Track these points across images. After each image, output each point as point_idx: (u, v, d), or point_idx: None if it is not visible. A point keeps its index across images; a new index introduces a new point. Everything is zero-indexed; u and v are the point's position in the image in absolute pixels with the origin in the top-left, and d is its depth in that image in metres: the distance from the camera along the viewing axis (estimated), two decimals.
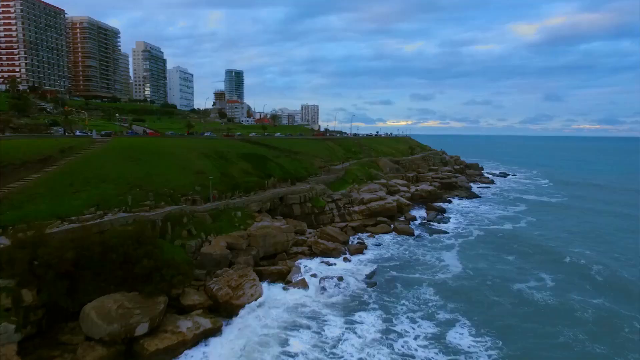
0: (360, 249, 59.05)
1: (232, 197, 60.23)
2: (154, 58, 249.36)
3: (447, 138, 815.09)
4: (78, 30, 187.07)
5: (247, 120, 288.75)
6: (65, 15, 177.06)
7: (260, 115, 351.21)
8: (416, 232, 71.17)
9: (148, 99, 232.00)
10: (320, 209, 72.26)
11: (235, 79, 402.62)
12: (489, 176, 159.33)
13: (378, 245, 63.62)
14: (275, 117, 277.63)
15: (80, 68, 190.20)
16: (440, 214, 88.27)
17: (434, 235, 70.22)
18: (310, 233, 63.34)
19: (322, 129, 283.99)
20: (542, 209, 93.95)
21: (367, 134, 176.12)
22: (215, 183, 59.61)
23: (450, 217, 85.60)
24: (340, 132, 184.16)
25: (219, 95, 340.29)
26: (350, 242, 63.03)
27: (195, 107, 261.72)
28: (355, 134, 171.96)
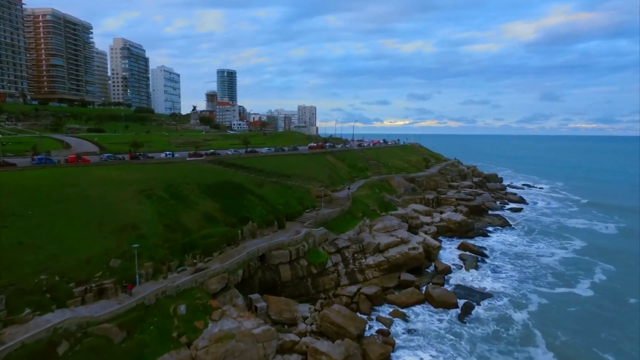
0: (386, 354, 36.35)
1: (178, 268, 37.47)
2: (134, 57, 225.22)
3: (444, 138, 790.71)
4: (41, 24, 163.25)
5: (240, 124, 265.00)
6: (24, 6, 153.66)
7: (254, 118, 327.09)
8: (460, 300, 49.11)
9: (127, 102, 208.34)
10: (320, 266, 49.85)
11: (228, 79, 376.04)
12: (514, 191, 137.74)
13: (410, 334, 41.18)
14: (267, 121, 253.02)
15: (44, 67, 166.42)
16: (480, 258, 66.33)
17: (485, 303, 49.13)
18: (306, 319, 40.76)
19: (319, 133, 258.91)
20: (610, 251, 70.59)
21: (372, 143, 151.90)
22: (152, 246, 36.84)
23: (493, 266, 63.37)
24: (341, 138, 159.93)
25: (210, 97, 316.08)
26: (367, 330, 40.61)
27: (186, 110, 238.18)
28: (359, 143, 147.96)
